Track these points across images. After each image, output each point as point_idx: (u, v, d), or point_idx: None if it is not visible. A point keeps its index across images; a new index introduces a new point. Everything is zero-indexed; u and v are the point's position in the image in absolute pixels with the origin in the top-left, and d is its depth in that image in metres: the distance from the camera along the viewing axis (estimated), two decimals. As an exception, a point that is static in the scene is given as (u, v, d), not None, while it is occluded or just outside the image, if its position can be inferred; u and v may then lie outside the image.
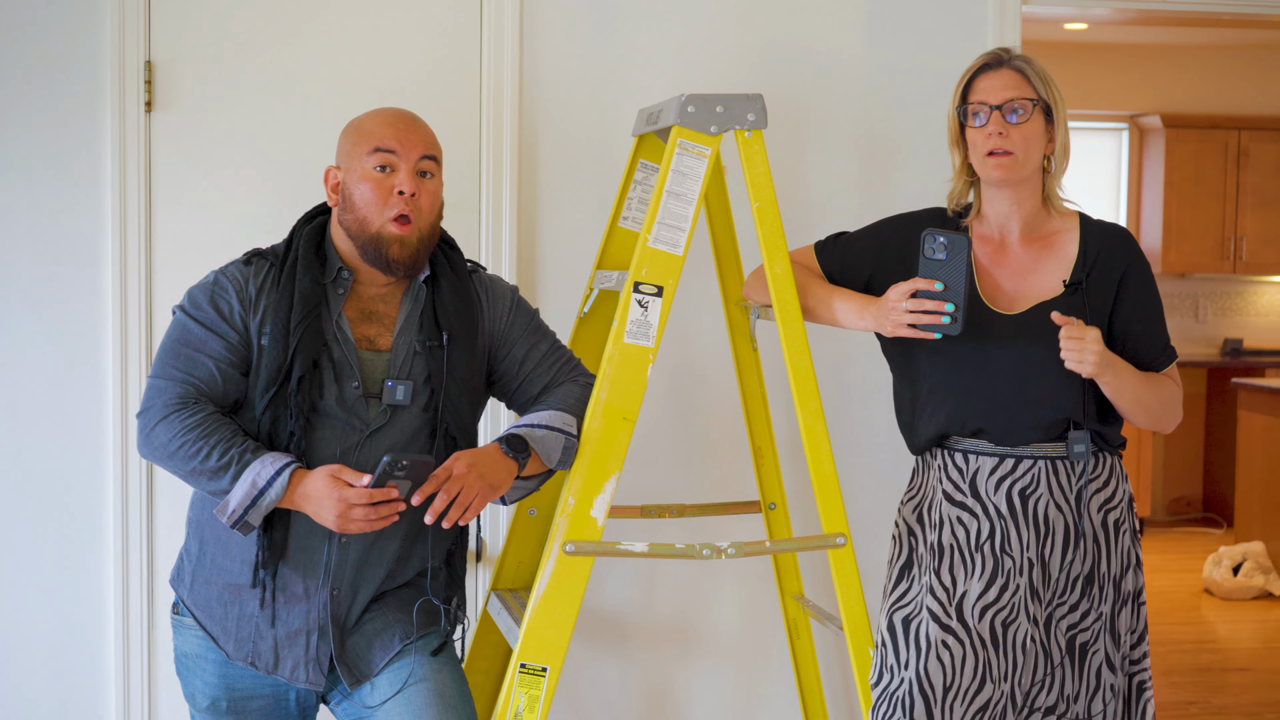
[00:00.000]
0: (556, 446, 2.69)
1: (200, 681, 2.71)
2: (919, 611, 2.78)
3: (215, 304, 2.62)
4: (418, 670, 2.66)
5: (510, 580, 3.24)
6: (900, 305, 2.69)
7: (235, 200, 3.48)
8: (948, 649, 2.73)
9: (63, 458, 3.45)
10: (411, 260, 2.64)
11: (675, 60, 3.62)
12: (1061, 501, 2.77)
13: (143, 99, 3.41)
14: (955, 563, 2.78)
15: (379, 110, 2.73)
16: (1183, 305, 9.68)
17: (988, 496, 2.78)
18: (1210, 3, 3.84)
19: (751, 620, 3.74)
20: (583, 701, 3.69)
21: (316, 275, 2.65)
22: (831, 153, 3.70)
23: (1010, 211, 2.84)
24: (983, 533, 2.77)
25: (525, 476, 2.68)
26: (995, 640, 2.73)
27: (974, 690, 2.72)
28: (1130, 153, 9.57)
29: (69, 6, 3.39)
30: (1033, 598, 2.75)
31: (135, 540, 3.46)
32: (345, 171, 2.67)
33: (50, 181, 3.42)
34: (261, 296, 2.64)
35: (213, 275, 2.67)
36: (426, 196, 2.66)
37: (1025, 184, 2.81)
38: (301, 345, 2.59)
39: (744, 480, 3.60)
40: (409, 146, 2.64)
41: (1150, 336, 2.82)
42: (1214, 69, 9.44)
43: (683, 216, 2.80)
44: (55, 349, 3.44)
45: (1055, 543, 2.77)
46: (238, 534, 2.62)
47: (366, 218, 2.62)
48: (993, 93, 2.77)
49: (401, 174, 2.63)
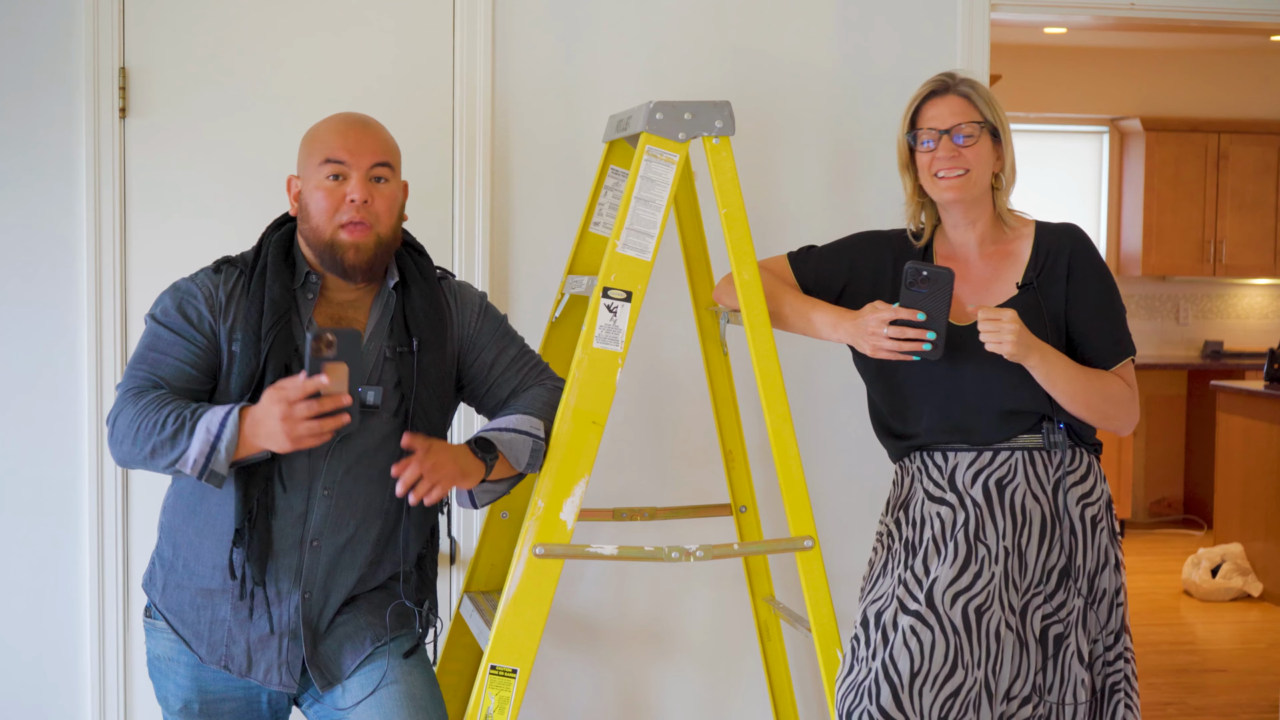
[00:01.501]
0: (525, 450, 2.70)
1: (173, 684, 2.72)
2: (889, 603, 2.81)
3: (183, 310, 2.63)
4: (390, 673, 2.67)
5: (483, 583, 3.25)
6: (881, 331, 2.73)
7: (209, 204, 3.49)
8: (916, 635, 2.74)
9: (39, 463, 3.47)
10: (369, 265, 2.64)
11: (646, 67, 3.64)
12: (1039, 491, 2.81)
13: (117, 105, 3.43)
14: (929, 552, 2.81)
15: (332, 118, 2.73)
16: (1163, 308, 9.70)
17: (965, 488, 2.82)
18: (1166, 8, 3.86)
19: (723, 622, 3.75)
20: (555, 703, 3.70)
21: (286, 281, 2.66)
22: (801, 159, 3.72)
23: (966, 229, 2.90)
24: (958, 521, 2.80)
25: (494, 480, 2.68)
26: (968, 627, 2.75)
27: (945, 676, 2.73)
28: (1110, 156, 9.58)
29: (44, 14, 3.41)
30: (1008, 586, 2.77)
31: (111, 544, 3.47)
32: (303, 181, 2.68)
33: (25, 186, 3.43)
34: (231, 303, 2.65)
35: (182, 282, 2.68)
36: (382, 201, 2.65)
37: (977, 203, 2.87)
38: (273, 351, 2.60)
39: (715, 483, 3.61)
40: (359, 154, 2.64)
41: (1098, 330, 2.84)
42: (1193, 73, 9.46)
43: (651, 222, 2.82)
44: (30, 355, 3.46)
45: (1032, 533, 2.80)
46: (209, 539, 2.65)
47: (319, 226, 2.63)
48: (940, 118, 2.81)
49: (353, 181, 2.63)
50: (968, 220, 2.89)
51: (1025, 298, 2.83)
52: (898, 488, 2.96)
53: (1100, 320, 2.84)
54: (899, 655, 2.75)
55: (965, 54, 3.72)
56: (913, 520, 2.87)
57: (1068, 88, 9.31)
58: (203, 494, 2.67)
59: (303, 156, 2.70)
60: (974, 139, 2.80)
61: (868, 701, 2.75)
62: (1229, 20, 3.96)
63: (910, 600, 2.78)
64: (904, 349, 2.71)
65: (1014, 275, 2.87)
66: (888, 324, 2.71)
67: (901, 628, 2.76)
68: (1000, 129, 2.83)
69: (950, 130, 2.80)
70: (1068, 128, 9.58)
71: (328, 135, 2.67)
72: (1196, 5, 3.85)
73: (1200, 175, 9.30)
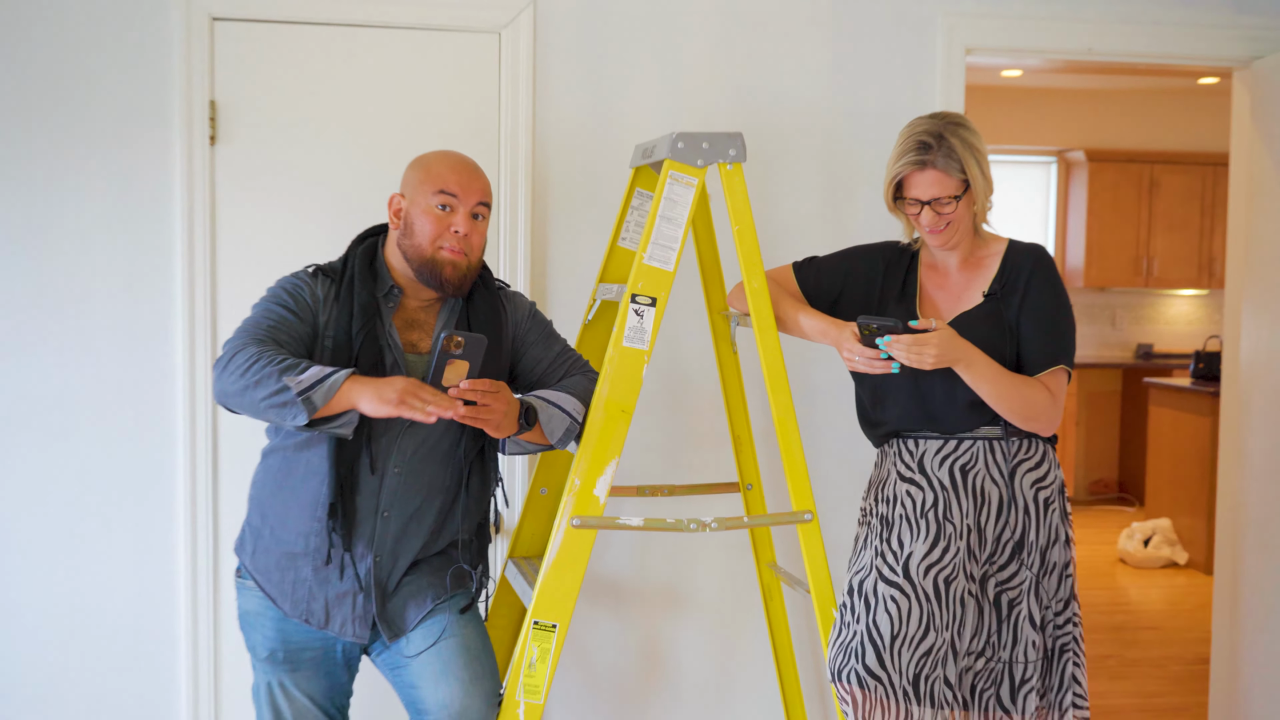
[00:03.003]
0: (560, 427, 2.69)
1: (260, 635, 2.73)
2: (870, 574, 2.81)
3: (294, 296, 2.65)
4: (449, 627, 2.68)
5: (525, 549, 3.25)
6: (854, 357, 2.74)
7: (286, 220, 3.49)
8: (895, 602, 2.75)
9: (140, 447, 3.47)
10: (460, 282, 2.67)
11: (666, 103, 3.63)
12: (997, 476, 2.80)
13: (207, 133, 3.42)
14: (903, 529, 2.81)
15: (447, 153, 2.74)
16: (1101, 315, 9.70)
17: (932, 472, 2.81)
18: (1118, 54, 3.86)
19: (731, 585, 3.75)
20: (586, 653, 3.71)
21: (371, 290, 2.68)
22: (799, 182, 3.70)
23: (949, 252, 2.90)
24: (927, 502, 2.80)
25: (525, 440, 2.69)
26: (938, 595, 2.75)
27: (919, 637, 2.74)
28: (1058, 183, 9.58)
29: (144, 54, 3.40)
30: (970, 558, 2.78)
31: (203, 515, 3.47)
32: (409, 202, 2.69)
33: (128, 203, 3.42)
34: (326, 304, 2.67)
35: (288, 278, 2.70)
36: (477, 236, 2.69)
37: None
38: (363, 350, 2.61)
39: (725, 464, 3.62)
40: (469, 193, 2.67)
41: (1036, 340, 2.80)
42: (1130, 111, 9.46)
43: (673, 238, 2.81)
44: (133, 355, 3.45)
45: (990, 511, 2.79)
46: (294, 509, 2.65)
47: (422, 245, 2.65)
48: (921, 190, 2.78)
49: (459, 215, 2.66)
50: (949, 247, 2.88)
51: (989, 305, 2.83)
52: (878, 469, 2.96)
53: (1041, 332, 2.80)
54: (881, 620, 2.75)
55: (944, 94, 3.71)
56: (887, 498, 2.87)
57: (1021, 123, 9.31)
58: (288, 470, 2.67)
59: (413, 180, 2.71)
60: (953, 208, 2.78)
61: (855, 661, 2.76)
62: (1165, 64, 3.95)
63: (889, 571, 2.78)
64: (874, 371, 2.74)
65: (983, 285, 2.86)
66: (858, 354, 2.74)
67: (882, 596, 2.77)
68: (974, 181, 2.78)
69: (930, 202, 2.78)
70: (1021, 158, 9.58)
71: (444, 170, 2.69)
72: (1141, 50, 3.84)
73: (1135, 200, 9.31)
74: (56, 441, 3.43)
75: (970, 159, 2.77)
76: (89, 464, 3.45)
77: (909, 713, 2.75)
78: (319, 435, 2.62)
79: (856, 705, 2.75)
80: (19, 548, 3.43)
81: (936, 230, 2.81)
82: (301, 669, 2.74)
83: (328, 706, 2.80)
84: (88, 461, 3.45)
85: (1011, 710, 2.81)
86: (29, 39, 3.35)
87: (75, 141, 3.39)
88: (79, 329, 3.42)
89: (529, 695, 2.69)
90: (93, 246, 3.41)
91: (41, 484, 3.43)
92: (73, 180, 3.39)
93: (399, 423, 2.65)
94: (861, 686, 2.74)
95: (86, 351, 3.43)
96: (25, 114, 3.36)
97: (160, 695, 3.50)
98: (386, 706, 3.48)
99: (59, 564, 3.45)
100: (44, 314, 3.40)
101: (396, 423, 2.65)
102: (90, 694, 3.47)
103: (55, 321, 3.41)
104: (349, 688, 2.84)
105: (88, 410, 3.44)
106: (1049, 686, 2.83)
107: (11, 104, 3.36)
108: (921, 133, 2.78)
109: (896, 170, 2.80)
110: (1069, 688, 2.83)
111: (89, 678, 3.47)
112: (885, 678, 2.74)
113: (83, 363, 3.42)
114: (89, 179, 3.40)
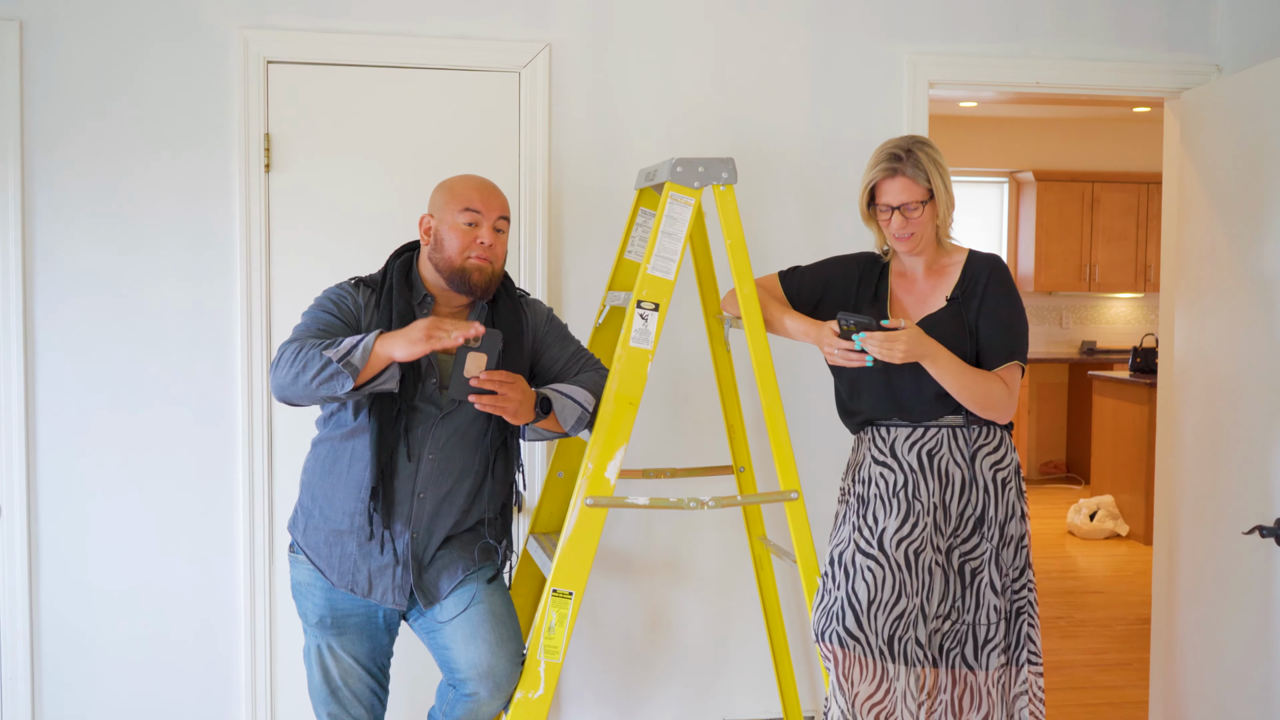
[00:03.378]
0: (572, 417, 2.70)
1: (310, 603, 2.73)
2: (849, 546, 2.81)
3: (338, 304, 2.66)
4: (477, 595, 2.68)
5: (544, 526, 3.25)
6: (834, 350, 2.73)
7: (333, 238, 3.48)
8: (871, 572, 2.75)
9: (203, 437, 3.46)
10: (487, 285, 2.68)
11: (665, 131, 3.62)
12: (960, 459, 2.79)
13: (262, 162, 3.42)
14: (877, 507, 2.80)
15: (469, 177, 2.75)
16: (1050, 316, 9.69)
17: (903, 456, 2.81)
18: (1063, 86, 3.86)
19: (726, 556, 3.74)
20: (598, 618, 3.70)
21: (408, 299, 2.68)
22: (782, 201, 3.69)
23: (915, 259, 2.89)
24: (898, 483, 2.80)
25: (542, 428, 2.70)
26: (909, 565, 2.75)
27: (893, 603, 2.74)
28: (1009, 200, 9.58)
29: (205, 92, 3.40)
30: (937, 533, 2.77)
31: (260, 500, 3.46)
32: (438, 220, 2.69)
33: (192, 224, 3.41)
34: (368, 311, 2.67)
35: (333, 288, 2.71)
36: (500, 246, 2.70)
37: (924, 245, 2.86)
38: None
39: (720, 450, 3.61)
40: (491, 209, 2.68)
41: (993, 339, 2.79)
42: (1074, 136, 9.46)
43: (673, 250, 2.81)
44: (198, 359, 3.44)
45: (954, 491, 2.79)
46: (341, 492, 2.64)
47: (452, 257, 2.65)
48: (892, 196, 2.78)
49: (484, 229, 2.67)
50: (916, 255, 2.88)
51: (951, 308, 2.83)
52: (854, 454, 2.95)
53: (997, 332, 2.79)
54: (859, 588, 2.75)
55: (910, 122, 3.70)
56: (863, 479, 2.86)
57: (977, 148, 9.31)
58: (335, 457, 2.67)
59: (440, 201, 2.71)
60: (920, 212, 2.78)
61: (836, 623, 2.76)
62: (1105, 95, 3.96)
63: (865, 545, 2.78)
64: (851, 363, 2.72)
65: (946, 290, 2.86)
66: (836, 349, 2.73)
67: (860, 566, 2.76)
68: (938, 192, 2.78)
69: (900, 207, 2.78)
70: (977, 178, 9.58)
71: (468, 190, 2.69)
72: (1084, 83, 3.84)
73: (1079, 215, 9.30)
74: (132, 436, 3.42)
75: (934, 172, 2.78)
76: (160, 455, 3.44)
77: (884, 670, 2.75)
78: (363, 425, 2.62)
79: (837, 662, 2.75)
80: (100, 529, 3.42)
81: (904, 237, 2.80)
82: (347, 633, 2.74)
83: (370, 666, 2.80)
84: (159, 452, 3.44)
85: (975, 667, 2.80)
86: (108, 83, 3.35)
87: (148, 170, 3.39)
88: (151, 335, 3.41)
89: (549, 655, 2.69)
90: (164, 261, 3.41)
91: (119, 473, 3.42)
92: (147, 206, 3.39)
93: (433, 413, 2.65)
94: (842, 645, 2.74)
95: (157, 354, 3.42)
96: (107, 150, 3.36)
97: (222, 658, 3.50)
98: (422, 666, 3.48)
99: (134, 544, 3.44)
100: (120, 320, 3.40)
101: (431, 417, 2.65)
102: (161, 659, 3.47)
103: (129, 328, 3.40)
104: (390, 649, 2.84)
105: (159, 408, 3.43)
106: (1010, 644, 2.82)
107: (97, 142, 3.36)
108: (893, 147, 2.80)
109: (871, 177, 2.80)
110: (1024, 645, 2.83)
111: (161, 644, 3.47)
112: (863, 638, 2.73)
113: (154, 364, 3.42)
114: (161, 204, 3.40)
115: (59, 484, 3.39)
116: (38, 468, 3.38)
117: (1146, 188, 9.29)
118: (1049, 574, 6.67)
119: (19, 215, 3.31)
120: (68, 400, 3.38)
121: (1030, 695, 2.82)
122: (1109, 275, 9.33)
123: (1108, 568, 6.88)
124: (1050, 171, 9.29)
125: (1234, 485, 3.53)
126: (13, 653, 3.38)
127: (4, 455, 3.34)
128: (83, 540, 3.41)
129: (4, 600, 3.36)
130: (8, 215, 3.30)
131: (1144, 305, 9.83)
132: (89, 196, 3.36)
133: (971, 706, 2.80)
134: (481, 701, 2.64)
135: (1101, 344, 9.70)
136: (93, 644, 3.44)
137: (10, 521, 3.35)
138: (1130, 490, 7.68)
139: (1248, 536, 3.42)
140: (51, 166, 3.34)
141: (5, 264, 3.31)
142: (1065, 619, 5.77)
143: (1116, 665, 5.07)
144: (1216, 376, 3.64)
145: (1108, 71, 3.83)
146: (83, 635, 3.43)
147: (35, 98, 3.32)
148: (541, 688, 2.68)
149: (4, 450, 3.34)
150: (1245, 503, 3.47)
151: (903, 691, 2.75)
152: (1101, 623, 5.72)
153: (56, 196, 3.35)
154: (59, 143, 3.34)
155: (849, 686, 2.74)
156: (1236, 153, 3.56)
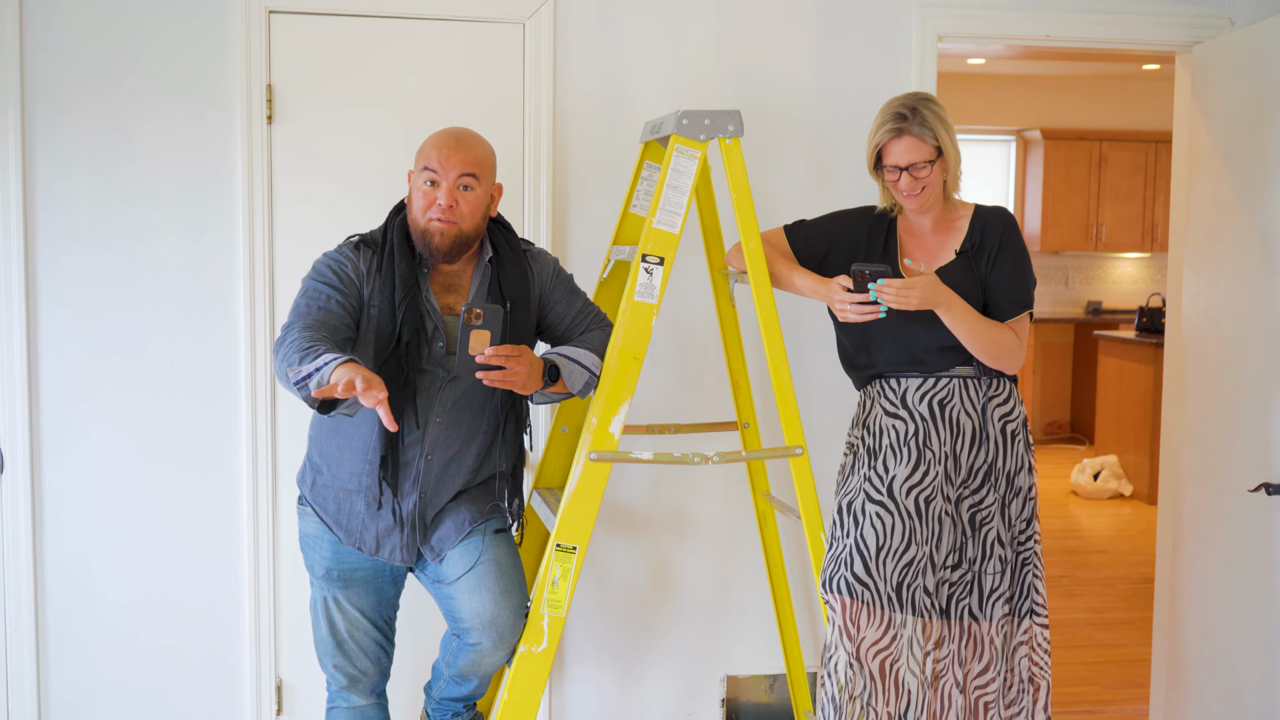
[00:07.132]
0: (580, 380, 2.68)
1: (318, 556, 2.74)
2: (858, 495, 2.82)
3: (338, 273, 2.61)
4: (485, 549, 2.68)
5: (548, 481, 3.25)
6: (845, 306, 2.72)
7: (335, 193, 3.47)
8: (880, 519, 2.76)
9: (208, 393, 3.46)
10: (449, 248, 2.61)
11: (669, 85, 3.60)
12: (971, 410, 2.80)
13: (265, 114, 3.40)
14: (888, 456, 2.81)
15: (437, 133, 2.67)
16: (1056, 276, 9.67)
17: (914, 406, 2.81)
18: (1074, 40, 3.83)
19: (730, 511, 3.75)
20: (602, 573, 3.72)
21: (410, 262, 2.64)
22: (788, 157, 3.68)
23: (923, 216, 2.88)
24: (909, 432, 2.80)
25: (550, 393, 2.67)
26: (919, 512, 2.76)
27: (902, 549, 2.76)
28: (1017, 159, 9.54)
29: (205, 41, 3.38)
30: (947, 482, 2.78)
31: (263, 455, 3.48)
32: (411, 178, 2.67)
33: (194, 177, 3.40)
34: (370, 275, 2.62)
35: (331, 252, 2.66)
36: (466, 205, 2.61)
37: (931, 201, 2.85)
38: (406, 318, 2.58)
39: (725, 405, 3.61)
40: (449, 167, 2.59)
41: (1004, 290, 2.81)
42: (1082, 93, 9.40)
43: (679, 204, 2.79)
44: (200, 315, 3.44)
45: (964, 441, 2.80)
46: (348, 452, 2.64)
47: (415, 218, 2.62)
48: (899, 157, 2.77)
49: (443, 189, 2.59)
50: (924, 213, 2.87)
51: (961, 261, 2.83)
52: (862, 408, 2.95)
53: (1008, 283, 2.81)
54: (868, 534, 2.76)
55: (918, 77, 3.68)
56: (873, 431, 2.86)
57: (984, 106, 9.26)
58: (340, 418, 2.66)
59: (415, 161, 2.67)
60: (928, 172, 2.77)
61: (845, 570, 2.77)
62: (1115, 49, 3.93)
63: (874, 493, 2.79)
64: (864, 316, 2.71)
65: (955, 244, 2.86)
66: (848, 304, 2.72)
67: (869, 513, 2.77)
68: (946, 149, 2.78)
69: (908, 167, 2.77)
70: (983, 137, 9.53)
71: (429, 148, 2.63)
72: (1094, 36, 3.81)
73: (1086, 174, 9.27)
74: (135, 393, 3.42)
75: (941, 129, 2.77)
76: (164, 412, 3.44)
77: (891, 619, 2.76)
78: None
79: (845, 609, 2.75)
80: (103, 479, 3.44)
81: (913, 194, 2.79)
82: (354, 586, 2.75)
83: (376, 619, 2.81)
84: (163, 409, 3.44)
85: (980, 617, 2.82)
86: (107, 34, 3.33)
87: (149, 122, 3.37)
88: (151, 290, 3.41)
89: (552, 609, 2.70)
90: (164, 215, 3.39)
91: (126, 427, 3.43)
92: (146, 159, 3.38)
93: (441, 376, 2.64)
94: (849, 592, 2.75)
95: (158, 308, 3.41)
96: (107, 102, 3.35)
97: (226, 607, 3.52)
98: (427, 620, 3.50)
99: (140, 496, 3.45)
100: (120, 276, 3.39)
101: (438, 380, 2.64)
102: (168, 605, 3.49)
103: (129, 282, 3.40)
104: (396, 602, 2.85)
105: (162, 361, 3.43)
106: (1014, 594, 2.84)
107: (97, 95, 3.34)
108: (899, 106, 2.79)
109: (878, 139, 2.79)
110: (1029, 596, 2.85)
111: (168, 591, 3.49)
112: (871, 584, 2.75)
113: (156, 318, 3.41)
114: (163, 155, 3.38)
115: (61, 433, 3.40)
116: (40, 419, 3.38)
117: (1155, 146, 9.24)
118: (1053, 533, 6.69)
119: (20, 168, 3.30)
120: (70, 349, 3.38)
121: (1031, 645, 2.85)
122: (1115, 235, 9.31)
123: (1111, 527, 6.91)
124: (1058, 130, 9.24)
125: (1240, 443, 3.54)
126: (17, 598, 3.40)
127: (6, 405, 3.34)
128: (89, 484, 3.42)
129: (9, 547, 3.38)
130: (8, 168, 3.29)
131: (1150, 265, 9.81)
132: (89, 149, 3.35)
133: (974, 656, 2.82)
134: (485, 652, 2.65)
135: (1107, 304, 9.69)
136: (97, 584, 3.46)
137: (13, 473, 3.36)
138: (1135, 450, 7.70)
139: (1253, 495, 3.43)
140: (51, 118, 3.32)
141: (6, 218, 3.30)
142: (1068, 578, 5.80)
143: (1119, 624, 5.10)
144: (1223, 334, 3.63)
145: (1119, 24, 3.81)
146: (89, 571, 3.45)
147: (34, 48, 3.30)
148: (545, 641, 2.69)
149: (6, 400, 3.34)
150: (1251, 461, 3.47)
151: (909, 638, 2.77)
152: (1104, 581, 5.75)
153: (56, 149, 3.33)
154: (58, 95, 3.32)
155: (855, 632, 2.75)
156: (1248, 107, 3.53)
